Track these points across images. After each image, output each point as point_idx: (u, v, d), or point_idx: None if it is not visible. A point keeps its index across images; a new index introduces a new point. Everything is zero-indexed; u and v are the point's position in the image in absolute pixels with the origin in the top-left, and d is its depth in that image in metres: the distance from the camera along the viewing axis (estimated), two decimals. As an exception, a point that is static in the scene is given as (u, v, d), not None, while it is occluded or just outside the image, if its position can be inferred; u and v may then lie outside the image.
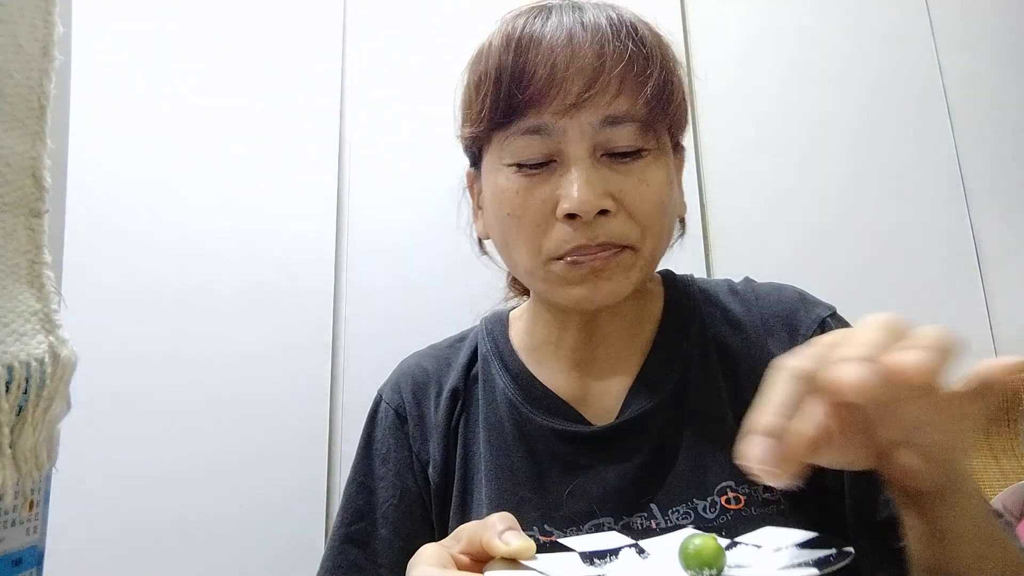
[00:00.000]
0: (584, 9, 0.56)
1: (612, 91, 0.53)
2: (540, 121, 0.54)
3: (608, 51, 0.53)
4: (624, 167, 0.55)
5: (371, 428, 0.68)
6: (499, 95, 0.54)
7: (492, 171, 0.58)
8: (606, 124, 0.53)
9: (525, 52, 0.54)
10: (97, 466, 1.11)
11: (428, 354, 0.72)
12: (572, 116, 0.53)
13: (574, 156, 0.54)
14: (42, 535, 0.31)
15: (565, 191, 0.53)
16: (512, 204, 0.55)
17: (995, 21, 1.49)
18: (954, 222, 1.39)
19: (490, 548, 0.38)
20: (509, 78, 0.54)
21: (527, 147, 0.54)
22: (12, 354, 0.29)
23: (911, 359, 0.31)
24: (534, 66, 0.53)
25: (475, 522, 0.41)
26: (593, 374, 0.63)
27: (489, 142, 0.58)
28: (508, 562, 0.38)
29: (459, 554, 0.40)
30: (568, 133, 0.53)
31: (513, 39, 0.55)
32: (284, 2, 1.37)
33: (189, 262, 1.23)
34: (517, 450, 0.61)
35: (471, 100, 0.58)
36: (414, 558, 0.42)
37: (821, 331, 0.61)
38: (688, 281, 0.68)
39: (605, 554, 0.40)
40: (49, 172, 0.32)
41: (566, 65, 0.53)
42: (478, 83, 0.57)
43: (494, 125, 0.56)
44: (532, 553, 0.38)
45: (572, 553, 0.40)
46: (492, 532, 0.39)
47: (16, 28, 0.31)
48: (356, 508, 0.65)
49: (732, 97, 1.42)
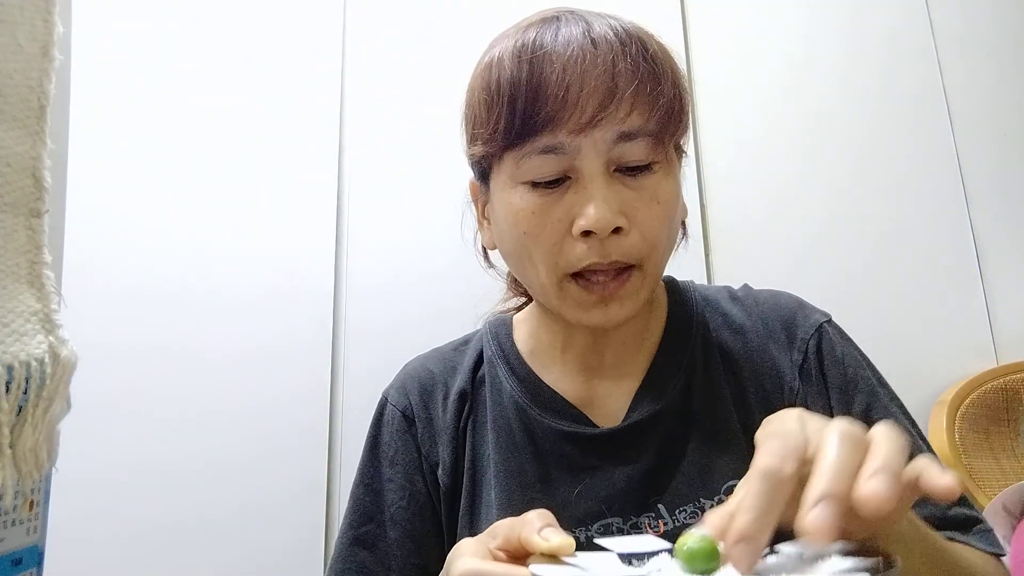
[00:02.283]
0: (590, 21, 0.56)
1: (625, 108, 0.54)
2: (556, 140, 0.54)
3: (620, 68, 0.54)
4: (636, 182, 0.56)
5: (377, 430, 0.69)
6: (513, 115, 0.54)
7: (504, 188, 0.58)
8: (620, 140, 0.54)
9: (539, 69, 0.54)
10: (97, 466, 1.11)
11: (433, 357, 0.72)
12: (587, 134, 0.53)
13: (589, 173, 0.54)
14: (42, 535, 0.31)
15: (581, 209, 0.54)
16: (528, 223, 0.56)
17: (995, 22, 1.49)
18: (954, 222, 1.39)
19: (529, 544, 0.39)
20: (524, 97, 0.54)
21: (543, 166, 0.55)
22: (12, 354, 0.29)
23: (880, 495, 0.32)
24: (549, 84, 0.53)
25: (511, 519, 0.42)
26: (600, 378, 0.64)
27: (500, 160, 0.57)
28: (547, 558, 0.38)
29: (495, 549, 0.41)
30: (583, 150, 0.54)
31: (525, 55, 0.55)
32: (284, 2, 1.37)
33: (189, 262, 1.23)
34: (525, 452, 0.62)
35: (481, 119, 0.58)
36: (454, 551, 0.43)
37: (818, 336, 0.63)
38: (690, 287, 0.70)
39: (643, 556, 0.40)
40: (49, 172, 0.32)
41: (580, 84, 0.53)
42: (489, 101, 0.56)
43: (508, 144, 0.56)
44: (572, 550, 0.38)
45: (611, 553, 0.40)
46: (531, 528, 0.39)
47: (16, 28, 0.31)
48: (364, 510, 0.65)
49: (732, 99, 1.42)
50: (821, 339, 0.63)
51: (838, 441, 0.35)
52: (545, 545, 0.38)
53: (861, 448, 0.35)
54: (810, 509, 0.32)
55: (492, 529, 0.42)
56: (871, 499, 0.31)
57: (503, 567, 0.39)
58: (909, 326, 1.33)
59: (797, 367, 0.62)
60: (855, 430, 0.36)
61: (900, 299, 1.34)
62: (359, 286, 1.28)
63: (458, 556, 0.41)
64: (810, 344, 0.63)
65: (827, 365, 0.62)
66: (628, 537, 0.45)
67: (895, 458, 0.34)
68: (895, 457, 0.34)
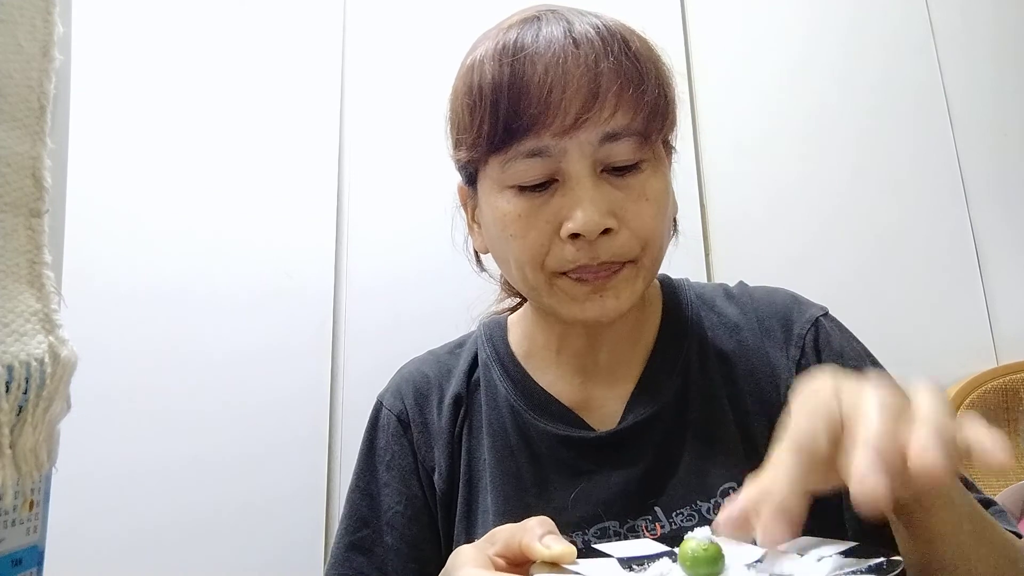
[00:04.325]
0: (571, 20, 0.55)
1: (609, 108, 0.53)
2: (540, 144, 0.53)
3: (603, 68, 0.53)
4: (624, 182, 0.55)
5: (373, 435, 0.68)
6: (496, 119, 0.53)
7: (491, 192, 0.57)
8: (605, 140, 0.53)
9: (520, 72, 0.53)
10: (97, 466, 1.11)
11: (428, 360, 0.71)
12: (572, 136, 0.53)
13: (576, 175, 0.53)
14: (42, 535, 0.31)
15: (569, 212, 0.53)
16: (515, 227, 0.55)
17: (995, 22, 1.49)
18: (954, 222, 1.39)
19: (530, 552, 0.38)
20: (507, 100, 0.53)
21: (528, 170, 0.54)
22: (12, 354, 0.29)
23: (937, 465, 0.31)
24: (531, 86, 0.52)
25: (511, 525, 0.41)
26: (595, 380, 0.64)
27: (486, 163, 0.57)
28: (549, 566, 0.38)
29: (495, 556, 0.40)
30: (569, 153, 0.53)
31: (507, 57, 0.54)
32: (284, 2, 1.37)
33: (189, 262, 1.23)
34: (521, 456, 0.61)
35: (464, 123, 0.57)
36: (453, 559, 0.42)
37: (815, 330, 0.63)
38: (684, 286, 0.69)
39: (643, 560, 0.41)
40: (49, 172, 0.32)
41: (563, 85, 0.52)
42: (472, 105, 0.55)
43: (492, 149, 0.55)
44: (574, 558, 0.38)
45: (611, 559, 0.40)
46: (532, 536, 0.39)
47: (16, 28, 0.31)
48: (360, 515, 0.64)
49: (732, 98, 1.42)
50: (818, 333, 0.63)
51: (879, 408, 0.34)
52: (547, 553, 0.38)
53: (904, 414, 0.34)
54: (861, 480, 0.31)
55: (491, 536, 0.42)
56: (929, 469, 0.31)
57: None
58: (909, 326, 1.33)
59: (795, 363, 0.61)
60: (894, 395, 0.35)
61: (900, 299, 1.34)
62: (359, 285, 1.28)
63: (459, 565, 0.40)
64: (807, 339, 0.62)
65: (825, 359, 0.61)
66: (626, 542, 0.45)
67: (945, 423, 0.33)
68: (945, 422, 0.33)
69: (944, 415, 0.34)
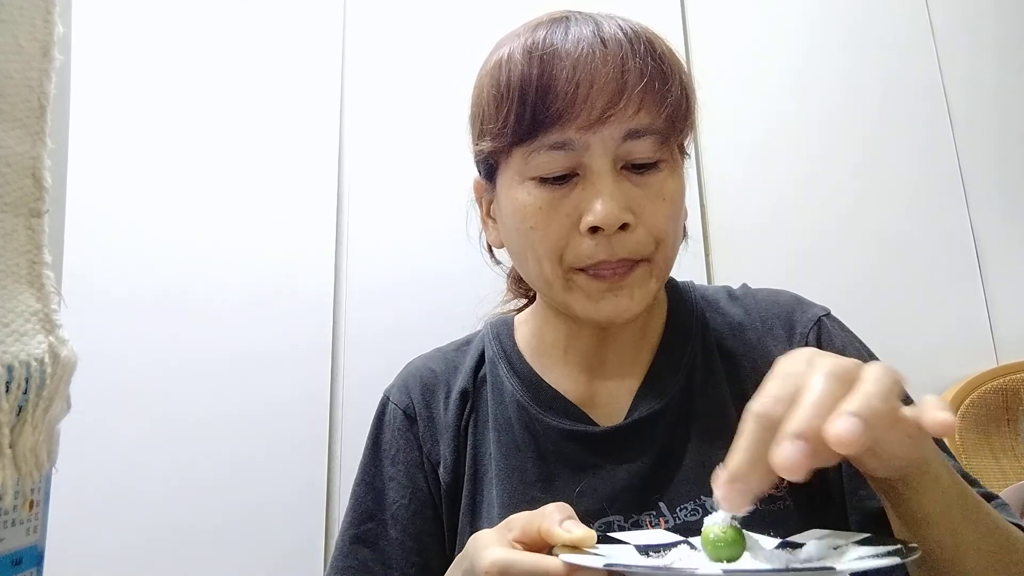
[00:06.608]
0: (599, 22, 0.57)
1: (634, 106, 0.54)
2: (565, 136, 0.54)
3: (630, 67, 0.54)
4: (642, 179, 0.56)
5: (378, 429, 0.69)
6: (524, 110, 0.55)
7: (511, 184, 0.58)
8: (628, 138, 0.55)
9: (549, 67, 0.54)
10: (97, 466, 1.11)
11: (435, 356, 0.72)
12: (596, 131, 0.54)
13: (597, 170, 0.55)
14: (42, 535, 0.31)
15: (589, 205, 0.54)
16: (536, 218, 0.56)
17: (995, 22, 1.49)
18: (954, 222, 1.39)
19: (550, 536, 0.39)
20: (535, 94, 0.54)
21: (551, 162, 0.55)
22: (12, 354, 0.29)
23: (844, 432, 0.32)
24: (559, 81, 0.54)
25: (527, 512, 0.43)
26: (601, 377, 0.65)
27: (508, 156, 0.58)
28: (569, 550, 0.38)
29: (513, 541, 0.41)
30: (592, 147, 0.54)
31: (536, 53, 0.55)
32: (284, 2, 1.37)
33: (189, 264, 1.23)
34: (527, 451, 0.62)
35: (490, 115, 0.58)
36: (473, 542, 0.43)
37: (817, 329, 0.64)
38: (689, 288, 0.70)
39: (659, 547, 0.42)
40: (49, 172, 0.32)
41: (590, 81, 0.54)
42: (499, 98, 0.57)
43: (517, 140, 0.56)
44: (594, 542, 0.39)
45: (628, 545, 0.41)
46: (551, 521, 0.40)
47: (16, 28, 0.31)
48: (365, 509, 0.65)
49: (733, 101, 1.42)
50: (820, 332, 0.64)
51: (823, 378, 0.35)
52: (568, 536, 0.38)
53: (846, 385, 0.35)
54: (778, 446, 0.33)
55: (507, 522, 0.43)
56: (836, 437, 0.32)
57: (533, 556, 0.39)
58: (909, 326, 1.33)
59: None
60: (847, 367, 0.36)
61: (900, 299, 1.34)
62: (359, 289, 1.28)
63: (482, 547, 0.41)
64: (809, 338, 0.63)
65: None
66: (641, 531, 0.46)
67: (876, 396, 0.34)
68: (877, 394, 0.34)
69: (881, 387, 0.34)
